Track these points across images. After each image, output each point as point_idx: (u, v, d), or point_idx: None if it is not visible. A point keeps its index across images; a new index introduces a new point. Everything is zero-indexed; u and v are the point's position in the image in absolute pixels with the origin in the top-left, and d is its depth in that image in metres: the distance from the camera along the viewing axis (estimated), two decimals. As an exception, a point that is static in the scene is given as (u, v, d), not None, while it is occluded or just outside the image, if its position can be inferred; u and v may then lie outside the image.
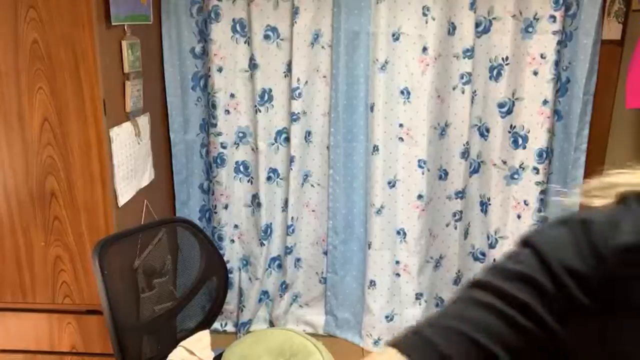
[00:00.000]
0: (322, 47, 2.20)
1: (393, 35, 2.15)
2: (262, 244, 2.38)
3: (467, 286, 0.50)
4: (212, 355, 1.63)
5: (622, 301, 0.44)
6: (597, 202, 0.50)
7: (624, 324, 0.45)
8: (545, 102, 2.15)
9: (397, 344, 0.47)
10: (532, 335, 0.45)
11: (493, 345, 0.45)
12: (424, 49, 2.13)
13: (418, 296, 2.37)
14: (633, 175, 0.49)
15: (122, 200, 1.79)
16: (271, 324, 2.48)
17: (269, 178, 2.34)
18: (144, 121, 1.99)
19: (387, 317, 2.38)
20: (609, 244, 0.45)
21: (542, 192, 2.24)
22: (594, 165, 2.23)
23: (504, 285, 0.47)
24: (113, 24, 1.67)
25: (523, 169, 2.24)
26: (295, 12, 2.13)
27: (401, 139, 2.24)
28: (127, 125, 1.83)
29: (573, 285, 0.45)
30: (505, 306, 0.46)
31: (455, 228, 2.35)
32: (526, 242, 0.49)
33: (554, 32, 2.08)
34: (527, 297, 0.45)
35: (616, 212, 0.47)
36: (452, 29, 2.13)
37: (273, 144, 2.31)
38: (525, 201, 2.26)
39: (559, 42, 2.10)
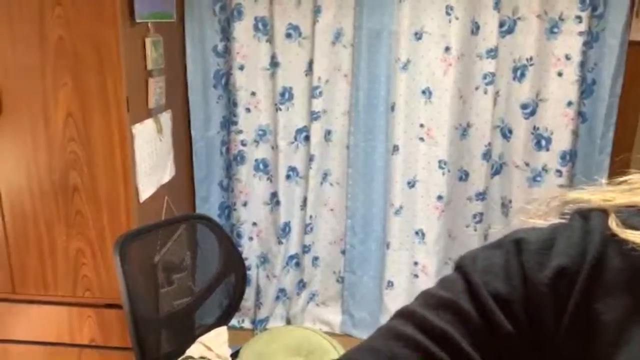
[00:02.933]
0: (344, 45, 2.19)
1: (415, 34, 2.13)
2: (280, 242, 2.39)
3: (393, 315, 0.46)
4: (230, 351, 1.64)
5: (552, 329, 0.40)
6: (542, 221, 0.46)
7: (561, 356, 0.40)
8: (569, 103, 2.12)
9: None
10: None
11: None
12: (447, 49, 2.11)
13: (436, 298, 2.35)
14: (587, 192, 0.45)
15: (144, 196, 1.80)
16: (288, 321, 2.49)
17: (288, 176, 2.34)
18: (165, 118, 2.01)
19: (404, 318, 2.36)
20: (541, 266, 0.41)
21: (565, 195, 2.20)
22: (619, 168, 2.19)
23: (426, 313, 0.43)
24: (137, 21, 1.68)
25: (546, 171, 2.21)
26: (317, 10, 2.12)
27: (422, 139, 2.23)
28: (149, 122, 1.85)
29: (498, 312, 0.41)
30: (422, 336, 0.41)
31: (475, 230, 2.32)
32: (457, 266, 0.45)
33: (580, 33, 2.05)
34: (447, 326, 0.41)
35: (555, 230, 0.43)
36: (475, 29, 2.11)
37: (293, 143, 2.31)
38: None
39: (585, 43, 2.06)
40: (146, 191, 1.83)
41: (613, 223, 0.40)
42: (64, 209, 1.74)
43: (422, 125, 2.21)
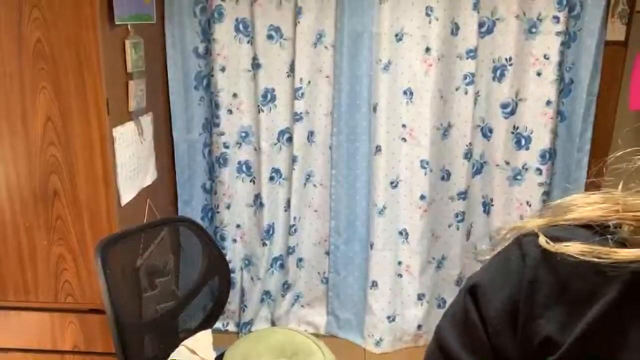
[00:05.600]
0: (325, 47, 2.20)
1: (396, 35, 2.14)
2: (264, 244, 2.38)
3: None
4: (214, 354, 1.64)
5: (515, 353, 0.46)
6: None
7: None
8: (548, 103, 2.15)
9: None
10: None
11: None
12: (427, 50, 2.12)
13: (420, 297, 2.37)
14: (524, 221, 0.50)
15: (125, 199, 1.79)
16: (273, 324, 2.48)
17: (271, 178, 2.34)
18: (146, 121, 1.99)
19: (389, 317, 2.38)
20: (491, 303, 0.47)
21: (545, 193, 2.24)
22: (597, 166, 2.22)
23: None
24: (117, 23, 1.67)
25: (526, 169, 2.24)
26: (298, 12, 2.13)
27: (404, 139, 2.24)
28: (130, 125, 1.83)
29: None
30: None
31: (458, 229, 2.34)
32: (435, 333, 0.52)
33: (558, 33, 2.08)
34: None
35: (498, 266, 0.49)
36: (455, 30, 2.13)
37: (276, 144, 2.31)
38: (528, 202, 2.26)
39: (563, 43, 2.09)
40: (127, 195, 1.81)
41: (543, 240, 0.46)
42: (44, 214, 1.72)
43: (404, 126, 2.23)
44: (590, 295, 0.43)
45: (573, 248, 0.43)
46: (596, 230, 0.44)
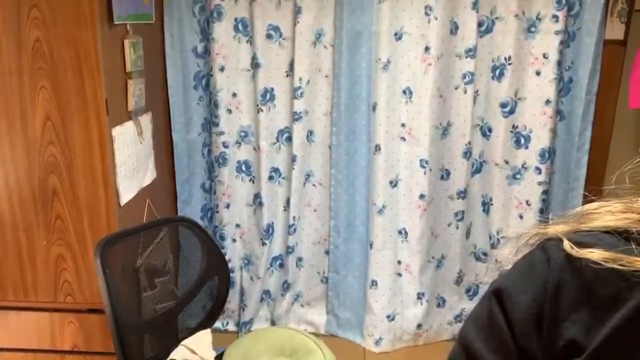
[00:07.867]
0: (325, 46, 2.20)
1: (395, 34, 2.14)
2: (263, 244, 2.38)
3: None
4: (214, 354, 1.63)
5: (541, 354, 0.47)
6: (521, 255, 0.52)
7: None
8: (547, 102, 2.15)
9: None
10: None
11: None
12: (427, 49, 2.12)
13: (420, 296, 2.37)
14: (548, 227, 0.50)
15: (124, 199, 1.79)
16: (272, 323, 2.48)
17: (270, 177, 2.34)
18: (146, 120, 1.99)
19: (388, 316, 2.38)
20: (516, 306, 0.48)
21: (544, 192, 2.24)
22: (597, 165, 2.23)
23: None
24: (115, 23, 1.66)
25: (525, 168, 2.24)
26: (297, 11, 2.12)
27: (403, 138, 2.24)
28: (129, 125, 1.83)
29: None
30: None
31: (457, 228, 2.35)
32: (460, 339, 0.54)
33: (557, 32, 2.08)
34: None
35: (522, 269, 0.50)
36: (454, 29, 2.13)
37: (275, 144, 2.31)
38: (527, 201, 2.26)
39: (562, 42, 2.09)
40: (127, 194, 1.81)
41: (567, 245, 0.46)
42: (43, 214, 1.72)
43: (403, 125, 2.23)
44: (615, 300, 0.43)
45: (596, 255, 0.44)
46: (621, 237, 0.45)
